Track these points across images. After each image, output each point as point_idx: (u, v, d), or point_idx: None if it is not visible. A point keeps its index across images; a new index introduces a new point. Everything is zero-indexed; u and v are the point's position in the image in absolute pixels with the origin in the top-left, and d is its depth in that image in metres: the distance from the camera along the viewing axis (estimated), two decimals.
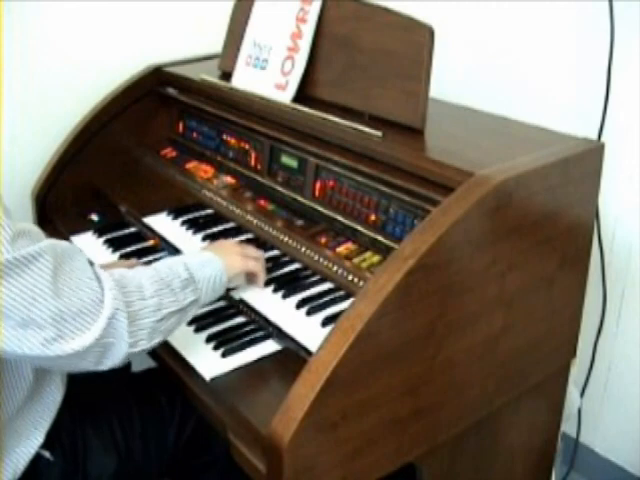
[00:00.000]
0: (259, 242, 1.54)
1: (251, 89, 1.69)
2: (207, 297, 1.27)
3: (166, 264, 1.23)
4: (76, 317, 1.03)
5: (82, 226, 1.78)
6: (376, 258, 1.38)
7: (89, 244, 1.70)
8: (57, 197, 1.88)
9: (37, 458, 1.21)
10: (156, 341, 1.16)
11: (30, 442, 1.19)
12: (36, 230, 1.06)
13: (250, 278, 1.40)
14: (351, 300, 1.20)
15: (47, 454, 1.22)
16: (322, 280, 1.41)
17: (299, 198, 1.59)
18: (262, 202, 1.65)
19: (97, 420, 1.30)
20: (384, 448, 1.15)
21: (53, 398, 1.23)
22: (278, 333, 1.31)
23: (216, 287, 1.28)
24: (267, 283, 1.41)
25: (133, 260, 1.55)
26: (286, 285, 1.39)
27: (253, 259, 1.38)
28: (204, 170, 1.84)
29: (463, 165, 1.24)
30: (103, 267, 1.51)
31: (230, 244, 1.40)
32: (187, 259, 1.27)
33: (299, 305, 1.34)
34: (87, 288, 1.05)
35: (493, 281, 1.22)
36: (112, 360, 1.10)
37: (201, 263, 1.27)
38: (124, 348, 1.09)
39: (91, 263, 1.11)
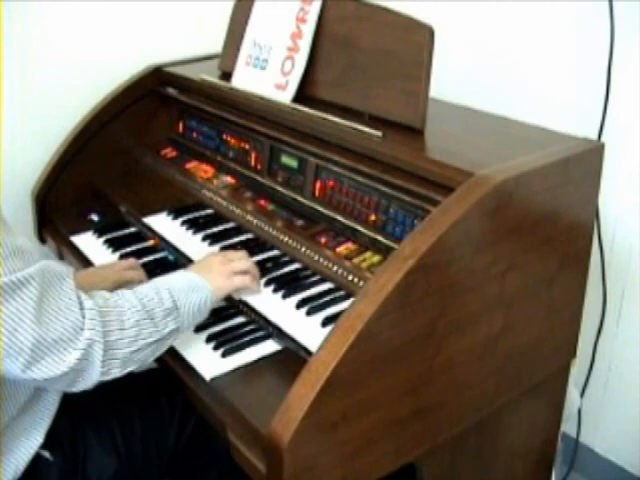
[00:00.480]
0: (259, 242, 1.55)
1: (251, 89, 1.69)
2: (188, 324, 1.25)
3: (152, 289, 1.21)
4: (55, 345, 1.03)
5: (82, 226, 1.78)
6: (376, 258, 1.38)
7: (89, 244, 1.70)
8: (57, 197, 1.88)
9: (37, 458, 1.21)
10: (129, 369, 1.16)
11: (30, 442, 1.20)
12: (31, 249, 1.05)
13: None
14: (351, 300, 1.20)
15: (47, 454, 1.22)
16: (322, 280, 1.41)
17: (299, 198, 1.59)
18: (262, 202, 1.65)
19: (97, 421, 1.30)
20: (384, 448, 1.15)
21: (52, 398, 1.23)
22: (278, 333, 1.31)
23: (199, 314, 1.27)
24: (267, 283, 1.41)
25: (131, 259, 1.55)
26: (286, 285, 1.39)
27: (240, 275, 1.34)
28: (204, 170, 1.83)
29: (463, 165, 1.24)
30: (103, 267, 1.53)
31: (216, 263, 1.35)
32: (173, 284, 1.24)
33: (299, 305, 1.33)
34: (69, 317, 1.05)
35: (493, 281, 1.22)
36: (83, 385, 1.11)
37: (187, 289, 1.24)
38: (95, 377, 1.10)
39: (89, 263, 1.11)
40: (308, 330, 1.28)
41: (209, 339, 1.32)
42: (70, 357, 1.05)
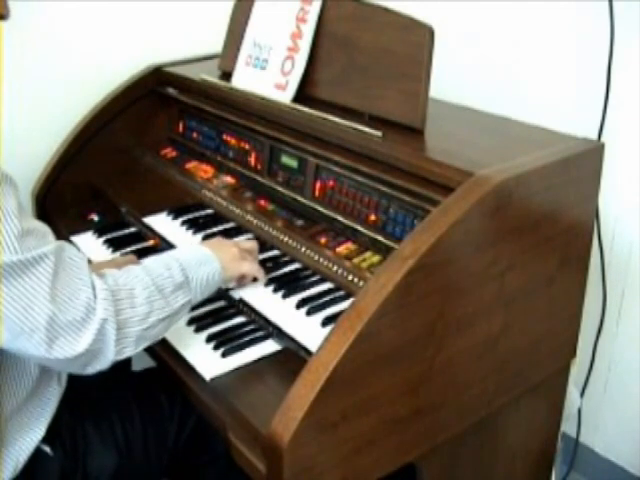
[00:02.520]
0: (259, 242, 1.54)
1: (251, 89, 1.69)
2: (198, 297, 1.27)
3: (162, 263, 1.23)
4: (69, 325, 1.05)
5: (82, 226, 1.78)
6: (376, 258, 1.38)
7: (89, 244, 1.70)
8: (57, 197, 1.88)
9: (37, 453, 1.21)
10: (143, 346, 1.17)
11: (31, 436, 1.20)
12: (46, 231, 1.08)
13: (243, 279, 1.40)
14: (351, 300, 1.20)
15: (47, 449, 1.23)
16: (322, 280, 1.41)
17: (299, 198, 1.59)
18: (262, 202, 1.65)
19: (97, 418, 1.31)
20: (384, 448, 1.15)
21: (54, 391, 1.24)
22: (278, 333, 1.31)
23: (209, 287, 1.28)
24: (267, 283, 1.41)
25: (130, 256, 1.55)
26: (286, 285, 1.39)
27: (248, 262, 1.37)
28: (204, 170, 1.84)
29: (463, 165, 1.24)
30: (100, 264, 1.53)
31: (228, 244, 1.39)
32: (184, 257, 1.26)
33: (299, 305, 1.34)
34: (82, 297, 1.06)
35: (493, 281, 1.22)
36: (98, 366, 1.12)
37: (198, 262, 1.26)
38: (110, 356, 1.11)
39: (90, 261, 1.12)
40: (308, 330, 1.28)
41: (209, 339, 1.32)
42: (85, 337, 1.06)
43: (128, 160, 1.95)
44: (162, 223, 1.67)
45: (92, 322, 1.07)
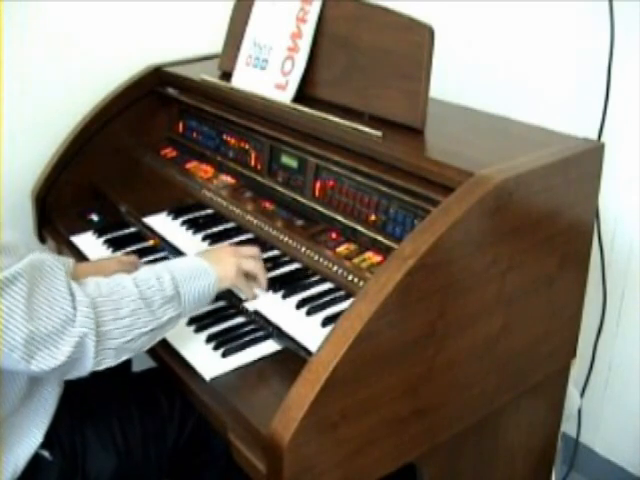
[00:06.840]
0: (259, 242, 1.54)
1: (251, 89, 1.69)
2: (190, 310, 1.25)
3: (154, 274, 1.19)
4: (47, 338, 1.03)
5: (82, 226, 1.78)
6: (376, 258, 1.38)
7: (89, 244, 1.70)
8: (57, 197, 1.88)
9: (36, 458, 1.21)
10: (124, 358, 1.15)
11: (29, 441, 1.20)
12: (17, 244, 1.05)
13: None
14: (351, 300, 1.20)
15: (46, 454, 1.22)
16: (322, 280, 1.41)
17: (299, 198, 1.59)
18: (262, 202, 1.65)
19: (96, 420, 1.31)
20: (384, 448, 1.15)
21: (50, 396, 1.23)
22: (278, 333, 1.31)
23: (201, 301, 1.25)
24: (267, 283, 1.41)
25: (133, 257, 1.54)
26: (286, 285, 1.39)
27: (245, 276, 1.34)
28: (204, 170, 1.84)
29: (463, 165, 1.24)
30: (100, 262, 1.51)
31: (228, 253, 1.35)
32: (177, 269, 1.23)
33: (299, 305, 1.34)
34: (59, 308, 1.04)
35: (493, 281, 1.22)
36: (77, 373, 1.11)
37: (191, 275, 1.23)
38: (89, 366, 1.10)
39: (87, 258, 1.09)
40: (308, 330, 1.28)
41: (209, 339, 1.32)
42: (63, 349, 1.04)
43: (128, 160, 1.95)
44: (162, 223, 1.67)
45: (70, 333, 1.05)
